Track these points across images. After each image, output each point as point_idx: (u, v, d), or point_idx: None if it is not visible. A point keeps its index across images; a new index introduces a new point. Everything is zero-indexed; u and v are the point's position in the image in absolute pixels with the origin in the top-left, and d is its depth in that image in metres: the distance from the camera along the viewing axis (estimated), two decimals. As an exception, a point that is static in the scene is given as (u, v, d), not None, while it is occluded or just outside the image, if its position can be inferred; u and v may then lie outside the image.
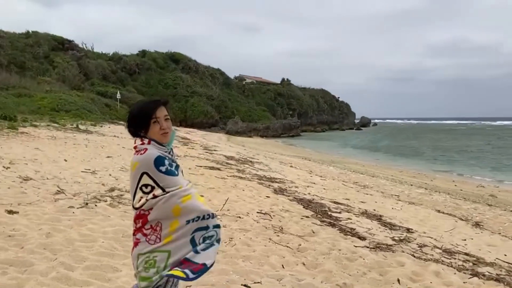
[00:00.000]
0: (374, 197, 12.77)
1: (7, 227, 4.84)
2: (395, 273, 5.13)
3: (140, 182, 2.41)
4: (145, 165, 2.41)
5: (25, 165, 8.97)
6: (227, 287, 4.12)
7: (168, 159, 2.49)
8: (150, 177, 2.40)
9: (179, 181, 2.47)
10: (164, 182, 2.41)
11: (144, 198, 2.41)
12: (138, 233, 2.45)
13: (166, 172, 2.43)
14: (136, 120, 2.53)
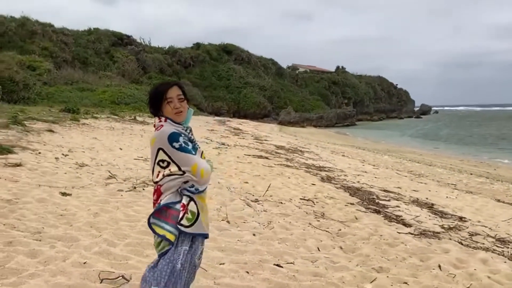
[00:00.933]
0: (428, 186, 12.31)
1: (59, 207, 5.23)
2: (437, 260, 4.96)
3: (157, 158, 2.53)
4: (160, 140, 2.52)
5: (83, 153, 9.57)
6: (260, 266, 4.20)
7: (183, 136, 2.58)
8: (165, 153, 2.51)
9: (193, 160, 2.54)
10: (178, 158, 2.51)
11: (162, 173, 2.53)
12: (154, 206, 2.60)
13: (180, 148, 2.52)
14: (152, 100, 2.67)
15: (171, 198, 2.53)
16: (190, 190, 2.55)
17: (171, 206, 2.52)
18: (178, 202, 2.53)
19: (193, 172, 2.52)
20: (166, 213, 2.52)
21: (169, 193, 2.53)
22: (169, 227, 2.49)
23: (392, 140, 37.50)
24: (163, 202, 2.53)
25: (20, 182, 6.08)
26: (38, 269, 3.45)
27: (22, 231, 4.24)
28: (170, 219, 2.50)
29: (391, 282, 4.16)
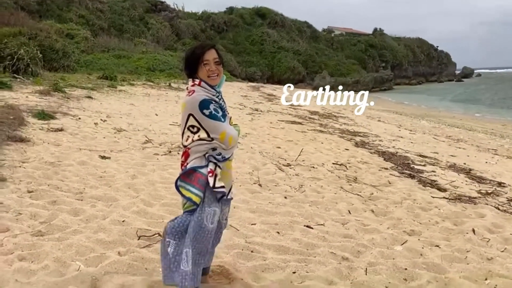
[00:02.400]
0: (467, 151, 11.95)
1: (99, 169, 5.47)
2: (471, 224, 4.89)
3: (188, 123, 2.59)
4: (191, 107, 2.57)
5: (120, 118, 9.86)
6: (290, 227, 4.29)
7: (214, 103, 2.62)
8: (195, 119, 2.57)
9: (222, 127, 2.59)
10: (207, 125, 2.56)
11: (191, 138, 2.59)
12: (181, 167, 2.69)
13: (210, 115, 2.56)
14: (187, 62, 2.69)
15: (197, 162, 2.61)
16: (217, 158, 2.63)
17: (197, 170, 2.60)
18: (204, 166, 2.60)
19: (221, 139, 2.59)
20: (192, 177, 2.60)
21: (196, 157, 2.61)
22: (195, 189, 2.58)
23: (431, 104, 36.29)
24: (190, 165, 2.61)
25: (62, 146, 6.38)
26: (81, 226, 3.68)
27: (65, 191, 4.49)
28: (196, 183, 2.58)
29: (422, 245, 4.16)
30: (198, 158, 2.61)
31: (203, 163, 2.61)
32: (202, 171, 2.59)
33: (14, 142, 6.01)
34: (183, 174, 2.62)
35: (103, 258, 3.14)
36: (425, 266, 3.67)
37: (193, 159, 2.62)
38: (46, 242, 3.29)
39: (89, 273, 2.91)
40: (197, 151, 2.61)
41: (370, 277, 3.30)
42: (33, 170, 4.97)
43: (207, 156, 2.61)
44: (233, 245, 3.68)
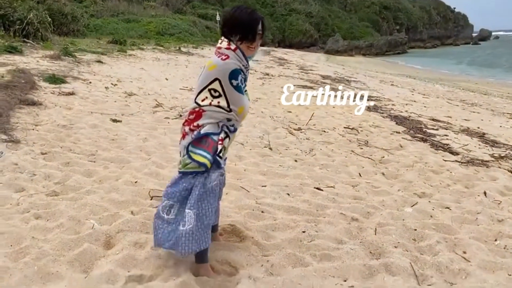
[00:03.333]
0: (481, 115, 11.77)
1: (111, 132, 5.51)
2: (483, 187, 4.87)
3: (211, 85, 2.52)
4: (221, 72, 2.49)
5: (131, 82, 9.84)
6: (300, 189, 4.31)
7: (242, 75, 2.56)
8: (221, 85, 2.50)
9: (242, 101, 2.58)
10: (231, 95, 2.52)
11: (209, 100, 2.53)
12: (187, 125, 2.60)
13: (236, 87, 2.52)
14: (243, 24, 2.54)
15: (211, 129, 2.56)
16: (230, 128, 2.61)
17: (211, 136, 2.55)
18: (217, 133, 2.57)
19: (239, 112, 2.58)
20: (206, 142, 2.55)
21: (210, 123, 2.56)
22: (208, 155, 2.53)
23: (445, 68, 35.51)
24: (204, 131, 2.54)
25: (74, 109, 6.42)
26: (94, 187, 3.74)
27: (78, 154, 4.55)
28: (210, 148, 2.54)
29: (433, 207, 4.16)
30: (211, 124, 2.56)
31: (216, 130, 2.57)
32: (215, 138, 2.56)
33: (26, 105, 6.05)
34: (196, 140, 2.56)
35: (117, 217, 3.20)
36: (435, 227, 3.68)
37: (206, 123, 2.56)
38: (61, 202, 3.36)
39: (103, 231, 2.98)
40: (212, 117, 2.55)
41: (380, 237, 3.33)
42: (46, 132, 5.02)
43: (220, 125, 2.58)
44: (244, 205, 3.72)
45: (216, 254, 2.81)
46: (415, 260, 3.04)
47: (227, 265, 2.74)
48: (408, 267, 2.89)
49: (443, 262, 3.03)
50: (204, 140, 2.55)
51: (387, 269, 2.88)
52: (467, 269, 2.96)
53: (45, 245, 2.72)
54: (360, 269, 2.84)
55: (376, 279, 2.76)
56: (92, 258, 2.68)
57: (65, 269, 2.52)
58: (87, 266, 2.61)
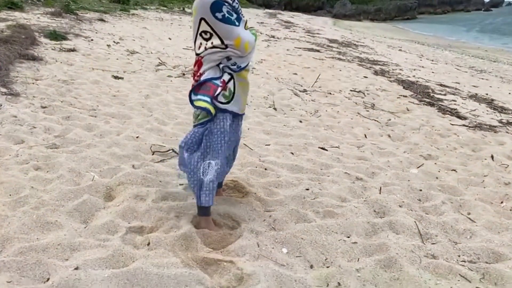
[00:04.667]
0: (490, 82, 11.55)
1: (112, 89, 5.41)
2: (490, 150, 4.79)
3: (199, 29, 2.41)
4: (202, 9, 2.36)
5: (133, 41, 9.63)
6: (304, 148, 4.24)
7: (227, 5, 2.39)
8: (207, 23, 2.37)
9: (236, 32, 2.39)
10: (220, 30, 2.37)
11: (204, 45, 2.42)
12: (194, 78, 2.54)
13: (223, 19, 2.36)
14: None
15: (212, 73, 2.46)
16: (232, 68, 2.47)
17: (212, 81, 2.45)
18: (219, 77, 2.46)
19: (236, 46, 2.39)
20: (207, 87, 2.46)
21: (210, 67, 2.46)
22: (209, 98, 2.43)
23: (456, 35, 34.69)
24: (204, 77, 2.46)
25: (75, 65, 6.29)
26: (95, 141, 3.68)
27: (79, 108, 4.46)
28: (212, 93, 2.44)
29: (439, 169, 4.10)
30: (212, 69, 2.46)
31: (217, 74, 2.46)
32: (217, 82, 2.46)
33: (26, 60, 5.92)
34: (197, 85, 2.48)
35: (118, 170, 3.15)
36: (441, 188, 3.62)
37: (206, 69, 2.47)
38: (61, 154, 3.30)
39: (104, 183, 2.93)
40: (211, 60, 2.44)
41: (384, 196, 3.27)
42: (46, 87, 4.92)
43: (221, 66, 2.46)
44: (247, 163, 3.66)
45: (218, 208, 2.76)
46: (420, 219, 2.99)
47: (229, 219, 2.70)
48: (412, 226, 2.85)
49: (448, 222, 2.99)
50: (205, 85, 2.47)
51: (391, 227, 2.83)
52: (472, 229, 2.92)
53: (45, 195, 2.68)
54: (364, 226, 2.80)
55: (379, 236, 2.72)
56: (92, 209, 2.64)
57: (65, 219, 2.49)
58: (87, 217, 2.58)
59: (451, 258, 2.56)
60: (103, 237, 2.36)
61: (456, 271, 2.40)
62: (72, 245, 2.23)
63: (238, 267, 2.19)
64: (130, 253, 2.22)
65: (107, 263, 2.13)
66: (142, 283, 2.02)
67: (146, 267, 2.10)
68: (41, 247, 2.17)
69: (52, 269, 2.03)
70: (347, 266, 2.34)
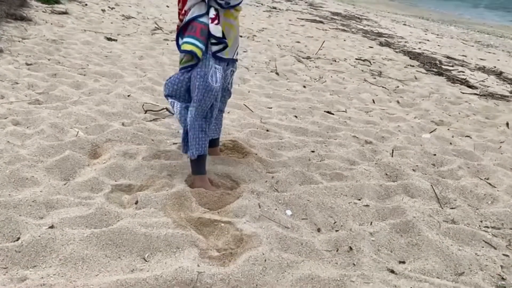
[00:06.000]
0: (497, 56, 11.20)
1: (105, 50, 5.08)
2: (504, 118, 4.52)
3: None
4: None
5: (129, 7, 9.21)
6: (309, 112, 3.95)
7: None
8: None
9: None
10: None
11: None
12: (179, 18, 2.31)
13: None
14: None
15: (196, 11, 2.18)
16: (219, 3, 2.18)
17: (197, 20, 2.17)
18: (203, 15, 2.17)
19: None
20: (193, 28, 2.18)
21: (194, 3, 2.18)
22: (196, 41, 2.15)
23: (461, 10, 33.94)
24: (188, 17, 2.19)
25: (66, 27, 5.93)
26: (82, 98, 3.38)
27: (67, 67, 4.15)
28: (199, 34, 2.16)
29: (452, 134, 3.82)
30: (197, 5, 2.18)
31: (202, 11, 2.17)
32: (202, 20, 2.16)
33: (14, 20, 5.56)
34: (183, 28, 2.21)
35: (105, 127, 2.87)
36: (456, 153, 3.36)
37: (191, 5, 2.19)
38: (43, 110, 3.01)
39: (89, 140, 2.65)
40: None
41: (396, 160, 3.01)
42: (33, 45, 4.59)
43: (206, 1, 2.17)
44: (247, 124, 3.38)
45: (215, 167, 2.50)
46: (436, 184, 2.73)
47: (227, 179, 2.44)
48: (429, 189, 2.59)
49: (467, 186, 2.73)
50: (190, 26, 2.19)
51: (405, 191, 2.58)
52: (493, 194, 2.66)
53: (21, 151, 2.40)
54: (376, 189, 2.54)
55: (393, 199, 2.47)
56: (74, 166, 2.37)
57: (42, 175, 2.22)
58: (68, 174, 2.31)
59: (472, 223, 2.32)
60: (85, 195, 2.10)
61: (479, 237, 2.16)
62: (48, 202, 1.97)
63: (237, 228, 1.94)
64: (114, 212, 1.97)
65: (88, 222, 1.87)
66: (127, 244, 1.77)
67: (133, 226, 1.85)
68: (12, 204, 1.91)
69: (23, 228, 1.77)
70: (359, 229, 2.09)
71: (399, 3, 39.08)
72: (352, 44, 8.91)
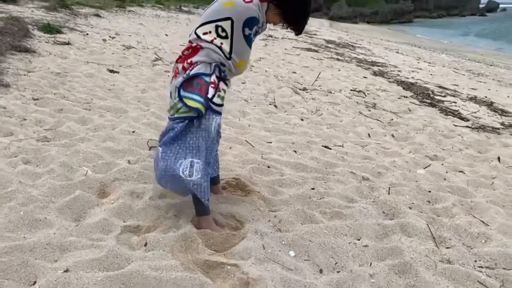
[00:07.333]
0: (488, 85, 11.49)
1: (108, 82, 5.21)
2: (496, 152, 4.66)
3: (220, 22, 2.23)
4: (238, 14, 2.20)
5: (129, 36, 9.43)
6: (307, 146, 4.08)
7: (257, 26, 2.30)
8: (231, 27, 2.22)
9: (246, 55, 2.34)
10: (238, 43, 2.24)
11: (213, 36, 2.24)
12: (181, 63, 2.32)
13: (247, 37, 2.25)
14: (295, 8, 2.38)
15: (202, 69, 2.27)
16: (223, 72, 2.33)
17: (202, 77, 2.26)
18: (208, 74, 2.27)
19: (238, 65, 2.34)
20: (197, 84, 2.26)
21: (203, 62, 2.28)
22: (201, 98, 2.25)
23: (452, 39, 34.76)
24: (194, 72, 2.26)
25: (69, 58, 6.08)
26: (88, 134, 3.49)
27: (72, 101, 4.26)
28: (203, 91, 2.25)
29: (446, 170, 3.95)
30: (204, 64, 2.28)
31: (208, 71, 2.28)
32: (206, 79, 2.27)
33: (18, 52, 5.71)
34: (187, 81, 2.28)
35: (112, 165, 2.96)
36: (450, 189, 3.48)
37: (200, 61, 2.27)
38: (52, 148, 3.11)
39: (97, 179, 2.74)
40: (208, 56, 2.26)
41: (393, 197, 3.12)
42: (39, 79, 4.72)
43: (213, 65, 2.29)
44: (249, 160, 3.49)
45: (219, 207, 2.59)
46: (432, 222, 2.84)
47: (232, 219, 2.53)
48: (425, 228, 2.69)
49: (461, 224, 2.84)
50: (195, 82, 2.27)
51: (402, 230, 2.68)
52: (486, 233, 2.77)
53: (34, 191, 2.49)
54: (374, 228, 2.64)
55: (391, 239, 2.56)
56: (84, 206, 2.45)
57: (55, 216, 2.30)
58: (79, 215, 2.39)
59: (467, 263, 2.41)
60: (96, 237, 2.17)
61: (474, 278, 2.25)
62: (62, 245, 2.05)
63: (243, 271, 2.02)
64: (125, 254, 2.05)
65: (101, 265, 1.95)
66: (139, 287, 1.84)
67: (143, 270, 1.93)
68: (28, 247, 1.98)
69: (39, 271, 1.84)
70: (359, 271, 2.18)
71: (392, 30, 39.96)
72: (346, 74, 9.14)
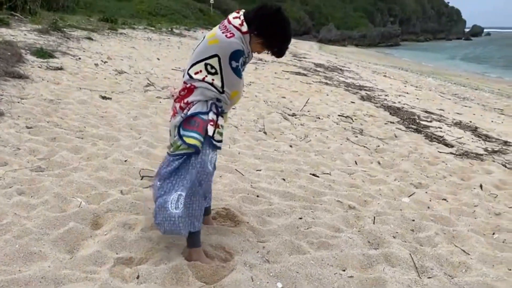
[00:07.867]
0: (473, 109, 11.79)
1: (100, 109, 5.30)
2: (478, 179, 4.81)
3: (208, 60, 2.36)
4: (222, 50, 2.34)
5: (121, 60, 9.56)
6: (296, 174, 4.19)
7: (243, 57, 2.43)
8: (219, 63, 2.35)
9: (238, 86, 2.46)
10: (227, 77, 2.37)
11: (203, 75, 2.37)
12: (178, 102, 2.45)
13: (235, 69, 2.38)
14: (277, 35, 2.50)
15: (199, 107, 2.39)
16: (220, 108, 2.45)
17: (199, 116, 2.39)
18: (206, 113, 2.40)
19: (232, 96, 2.46)
20: (195, 123, 2.38)
21: (199, 100, 2.40)
22: (198, 135, 2.36)
23: (438, 63, 35.58)
24: (191, 111, 2.38)
25: (62, 84, 6.17)
26: (81, 164, 3.56)
27: (65, 129, 4.34)
28: (201, 129, 2.37)
29: (430, 198, 4.08)
30: (201, 103, 2.40)
31: (204, 109, 2.40)
32: (204, 117, 2.39)
33: (12, 78, 5.79)
34: (185, 121, 2.39)
35: (105, 196, 3.04)
36: (433, 218, 3.60)
37: (196, 101, 2.40)
38: (46, 178, 3.18)
39: (91, 210, 2.81)
40: (203, 94, 2.39)
41: (378, 226, 3.23)
42: (32, 106, 4.80)
43: (210, 103, 2.41)
44: (238, 189, 3.58)
45: (209, 238, 2.67)
46: (415, 252, 2.94)
47: (221, 250, 2.61)
48: (408, 258, 2.80)
49: (443, 254, 2.94)
50: (193, 121, 2.39)
51: (386, 260, 2.78)
52: (467, 262, 2.88)
53: (28, 223, 2.55)
54: (359, 259, 2.73)
55: (375, 269, 2.66)
56: (78, 238, 2.52)
57: (49, 248, 2.36)
58: (73, 247, 2.45)
59: (448, 293, 2.51)
60: (90, 269, 2.24)
61: (454, 308, 2.35)
62: (56, 278, 2.11)
63: (232, 303, 2.10)
64: (118, 287, 2.11)
65: (94, 299, 2.01)
66: (131, 321, 1.91)
67: (136, 303, 1.99)
68: (23, 281, 2.04)
69: (35, 305, 1.90)
70: (344, 302, 2.27)
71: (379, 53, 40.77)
72: (335, 99, 9.34)
